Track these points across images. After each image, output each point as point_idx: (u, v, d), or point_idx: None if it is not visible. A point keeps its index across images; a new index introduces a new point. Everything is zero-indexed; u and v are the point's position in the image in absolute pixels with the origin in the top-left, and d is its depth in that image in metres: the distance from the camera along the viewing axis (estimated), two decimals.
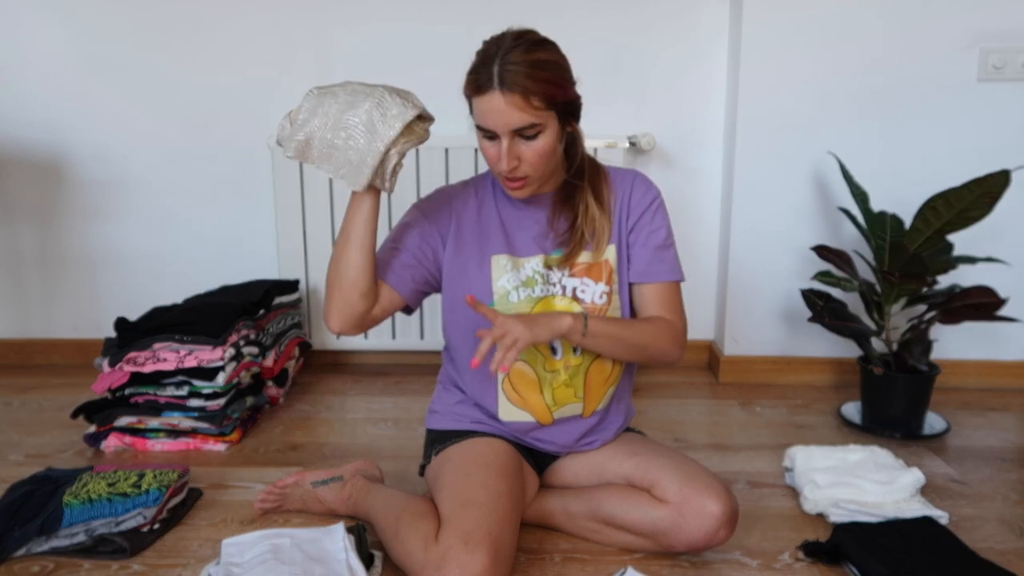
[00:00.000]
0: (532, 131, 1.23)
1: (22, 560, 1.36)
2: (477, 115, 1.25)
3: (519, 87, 1.20)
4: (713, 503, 1.26)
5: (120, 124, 2.40)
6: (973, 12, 2.09)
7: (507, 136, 1.23)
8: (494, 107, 1.21)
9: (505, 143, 1.24)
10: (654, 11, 2.29)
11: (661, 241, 1.39)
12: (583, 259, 1.37)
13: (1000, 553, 1.38)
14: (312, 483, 1.51)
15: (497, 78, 1.20)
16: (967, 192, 1.77)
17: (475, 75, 1.24)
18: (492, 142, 1.26)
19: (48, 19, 2.34)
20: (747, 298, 2.31)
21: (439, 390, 1.52)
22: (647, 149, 2.31)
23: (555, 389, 1.38)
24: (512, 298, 1.35)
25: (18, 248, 2.49)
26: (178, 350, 1.85)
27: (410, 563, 1.21)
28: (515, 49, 1.21)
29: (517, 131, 1.23)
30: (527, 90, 1.20)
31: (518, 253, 1.38)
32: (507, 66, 1.20)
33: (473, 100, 1.25)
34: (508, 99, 1.20)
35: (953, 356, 2.25)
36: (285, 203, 2.35)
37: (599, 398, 1.42)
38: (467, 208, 1.40)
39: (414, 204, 1.43)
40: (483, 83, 1.22)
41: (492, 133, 1.24)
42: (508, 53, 1.21)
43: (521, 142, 1.25)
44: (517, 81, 1.19)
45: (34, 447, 1.87)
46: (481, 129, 1.26)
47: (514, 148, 1.25)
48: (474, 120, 1.27)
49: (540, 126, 1.24)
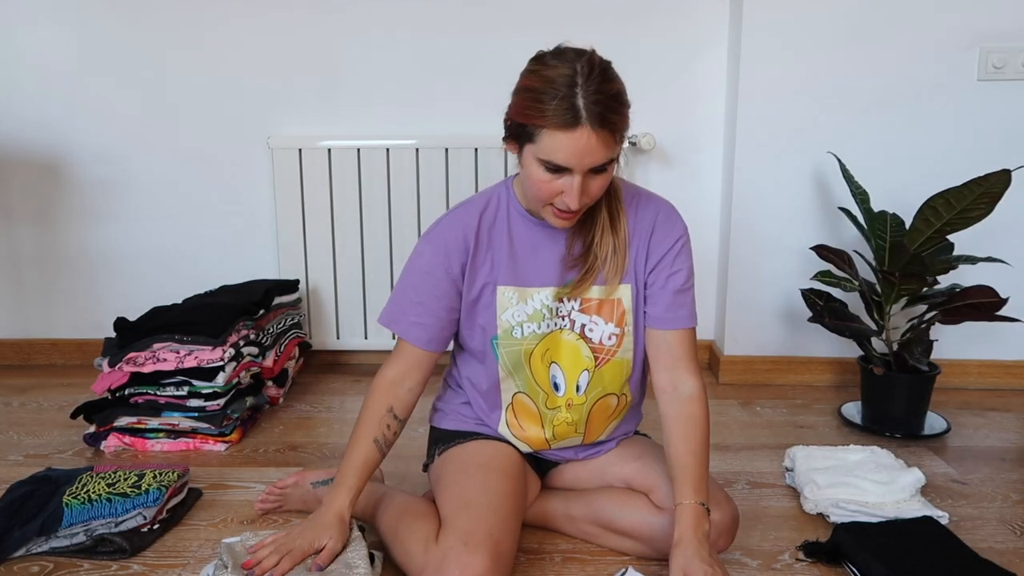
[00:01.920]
0: (608, 165, 1.15)
1: (22, 560, 1.36)
2: (551, 150, 1.11)
3: (609, 124, 1.10)
4: (713, 511, 1.25)
5: (120, 124, 2.39)
6: (973, 12, 2.09)
7: (582, 173, 1.13)
8: (582, 145, 1.09)
9: (578, 180, 1.13)
10: (654, 11, 2.29)
11: (680, 285, 1.30)
12: (595, 294, 1.31)
13: (1000, 553, 1.38)
14: (312, 483, 1.51)
15: (585, 112, 1.08)
16: (967, 192, 1.77)
17: (554, 104, 1.09)
18: (555, 175, 1.14)
19: (48, 19, 2.34)
20: (747, 298, 2.31)
21: (443, 388, 1.51)
22: (647, 149, 2.31)
23: (556, 426, 1.36)
24: (516, 334, 1.31)
25: (18, 248, 2.49)
26: (178, 350, 1.85)
27: (410, 564, 1.21)
28: (592, 78, 1.09)
29: (593, 168, 1.14)
30: (615, 127, 1.11)
31: (527, 283, 1.31)
32: (592, 98, 1.08)
33: (549, 133, 1.10)
34: (599, 137, 1.09)
35: (953, 356, 2.25)
36: (285, 203, 2.35)
37: (600, 432, 1.40)
38: (480, 235, 1.30)
39: (427, 241, 1.31)
40: (569, 119, 1.08)
41: (559, 167, 1.13)
42: (588, 83, 1.09)
43: (590, 179, 1.15)
44: (607, 118, 1.09)
45: (34, 447, 1.87)
46: (548, 163, 1.13)
47: (585, 185, 1.15)
48: (539, 151, 1.13)
49: (615, 160, 1.17)
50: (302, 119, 2.38)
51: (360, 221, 2.36)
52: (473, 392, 1.40)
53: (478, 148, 2.29)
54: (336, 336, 2.45)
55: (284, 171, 2.33)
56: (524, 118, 1.13)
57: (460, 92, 2.34)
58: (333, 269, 2.40)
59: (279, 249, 2.39)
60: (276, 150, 2.32)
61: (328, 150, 2.32)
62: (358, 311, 2.42)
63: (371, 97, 2.36)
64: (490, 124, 2.32)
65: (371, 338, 2.44)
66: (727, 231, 2.32)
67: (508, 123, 1.19)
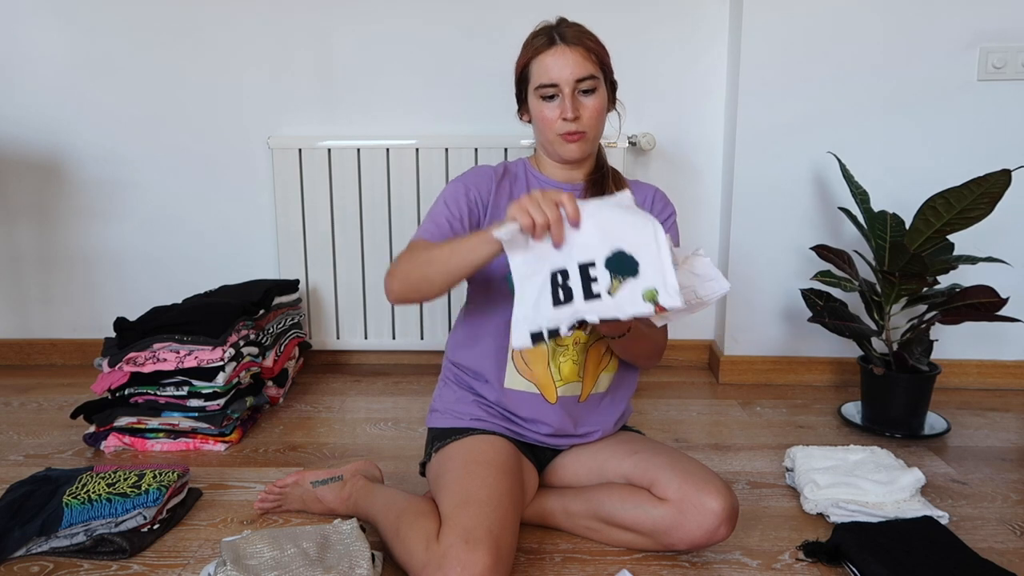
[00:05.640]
0: (591, 83, 1.35)
1: (22, 560, 1.36)
2: (540, 73, 1.36)
3: (580, 43, 1.35)
4: (713, 500, 1.26)
5: (120, 124, 2.40)
6: (973, 12, 2.09)
7: (570, 87, 1.34)
8: (559, 59, 1.34)
9: (568, 92, 1.34)
10: (654, 11, 2.29)
11: None
12: None
13: (1000, 553, 1.38)
14: (312, 483, 1.51)
15: (559, 36, 1.35)
16: (967, 192, 1.77)
17: (536, 39, 1.37)
18: (552, 102, 1.36)
19: (48, 19, 2.34)
20: (747, 298, 2.31)
21: (440, 388, 1.52)
22: (647, 149, 2.31)
23: (562, 364, 1.40)
24: None
25: (18, 248, 2.49)
26: (178, 350, 1.85)
27: (411, 562, 1.21)
28: (566, 21, 1.39)
29: (579, 82, 1.34)
30: (587, 47, 1.35)
31: None
32: (564, 29, 1.37)
33: (535, 60, 1.36)
34: (573, 50, 1.34)
35: (953, 356, 2.25)
36: (285, 203, 2.35)
37: (594, 380, 1.44)
38: (503, 183, 1.44)
39: (456, 178, 1.45)
40: (546, 42, 1.35)
41: (553, 93, 1.35)
42: (561, 22, 1.38)
43: (581, 97, 1.36)
44: (578, 39, 1.35)
45: (34, 447, 1.87)
46: (542, 89, 1.35)
47: (576, 101, 1.35)
48: (534, 83, 1.37)
49: (598, 80, 1.36)
50: (302, 119, 2.38)
51: (360, 221, 2.36)
52: (480, 359, 1.44)
53: (478, 148, 2.29)
54: (336, 336, 2.45)
55: (284, 171, 2.33)
56: (520, 64, 1.40)
57: (460, 92, 2.34)
58: (333, 269, 2.40)
59: (279, 249, 2.39)
60: (276, 150, 2.32)
61: (328, 150, 2.32)
62: (358, 311, 2.42)
63: (371, 97, 2.36)
64: (490, 124, 2.35)
65: (371, 338, 2.44)
66: (727, 231, 2.32)
67: (516, 85, 1.42)
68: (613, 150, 2.23)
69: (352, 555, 1.25)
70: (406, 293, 1.30)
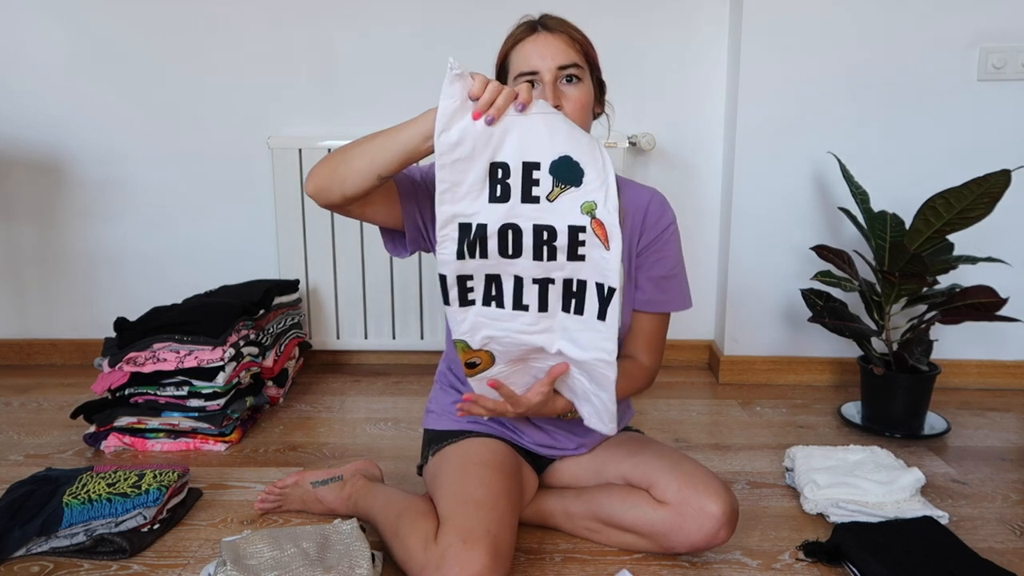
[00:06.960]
0: (575, 72, 1.25)
1: (22, 560, 1.36)
2: (520, 61, 1.26)
3: (562, 31, 1.27)
4: (713, 503, 1.26)
5: (120, 124, 2.40)
6: (973, 12, 2.09)
7: (551, 74, 1.24)
8: (540, 46, 1.25)
9: (549, 79, 1.24)
10: (654, 11, 2.29)
11: (665, 272, 1.37)
12: None
13: (1000, 553, 1.38)
14: (312, 483, 1.51)
15: (540, 24, 1.29)
16: (967, 192, 1.77)
17: (517, 29, 1.30)
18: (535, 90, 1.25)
19: (48, 19, 2.34)
20: (747, 298, 2.31)
21: (436, 390, 1.52)
22: (647, 149, 2.31)
23: None
24: None
25: (18, 248, 2.49)
26: (178, 350, 1.85)
27: (410, 562, 1.21)
28: (548, 14, 1.31)
29: (561, 70, 1.24)
30: (570, 36, 1.27)
31: None
32: (548, 19, 1.30)
33: (515, 49, 1.28)
34: (556, 37, 1.26)
35: (953, 356, 2.25)
36: (285, 203, 2.35)
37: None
38: None
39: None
40: (527, 29, 1.28)
41: (533, 80, 1.25)
42: (544, 14, 1.31)
43: (563, 87, 1.26)
44: (560, 27, 1.28)
45: (34, 447, 1.87)
46: (522, 78, 1.26)
47: (557, 90, 1.25)
48: (514, 72, 1.27)
49: (582, 70, 1.27)
50: (302, 119, 2.38)
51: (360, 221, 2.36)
52: None
53: None
54: (336, 336, 2.45)
55: (284, 171, 2.33)
56: (500, 55, 1.31)
57: None
58: (333, 269, 2.40)
59: (279, 249, 2.39)
60: (276, 150, 2.32)
61: (328, 150, 2.31)
62: (358, 311, 2.42)
63: (371, 97, 2.36)
64: None
65: (371, 338, 2.44)
66: (727, 231, 2.32)
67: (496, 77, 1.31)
68: (613, 150, 2.24)
69: (352, 555, 1.25)
70: (323, 177, 1.17)
